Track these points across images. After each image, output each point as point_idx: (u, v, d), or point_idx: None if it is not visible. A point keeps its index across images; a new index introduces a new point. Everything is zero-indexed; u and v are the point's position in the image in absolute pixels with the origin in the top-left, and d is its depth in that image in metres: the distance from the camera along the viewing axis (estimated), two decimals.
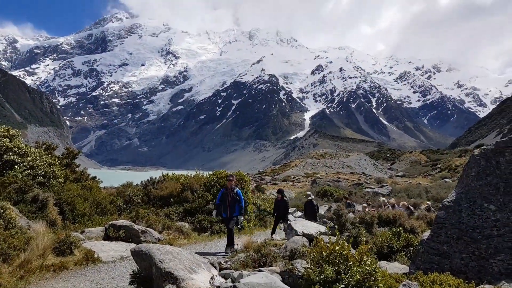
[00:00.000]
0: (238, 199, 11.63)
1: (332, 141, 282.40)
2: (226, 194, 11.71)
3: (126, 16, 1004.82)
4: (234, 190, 11.71)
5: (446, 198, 7.27)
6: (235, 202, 11.60)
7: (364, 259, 5.04)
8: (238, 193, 11.74)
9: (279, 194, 15.39)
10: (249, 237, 12.04)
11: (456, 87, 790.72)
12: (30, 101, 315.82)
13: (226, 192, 11.75)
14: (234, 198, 11.59)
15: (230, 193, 11.63)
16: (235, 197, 11.61)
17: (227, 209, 11.60)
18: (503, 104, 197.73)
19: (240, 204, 11.64)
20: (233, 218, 11.63)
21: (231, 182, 11.87)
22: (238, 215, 11.65)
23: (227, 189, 11.84)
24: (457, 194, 6.94)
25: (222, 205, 11.80)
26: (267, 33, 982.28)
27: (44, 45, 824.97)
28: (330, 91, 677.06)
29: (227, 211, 11.62)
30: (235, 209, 11.60)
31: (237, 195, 11.65)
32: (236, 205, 11.60)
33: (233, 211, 11.58)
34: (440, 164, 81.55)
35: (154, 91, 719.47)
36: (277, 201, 15.38)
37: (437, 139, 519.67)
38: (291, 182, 61.20)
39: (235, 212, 11.62)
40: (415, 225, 11.32)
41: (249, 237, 12.58)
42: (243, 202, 11.75)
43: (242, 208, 11.70)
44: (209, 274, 6.59)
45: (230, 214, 11.59)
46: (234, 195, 11.61)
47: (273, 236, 14.60)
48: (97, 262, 9.26)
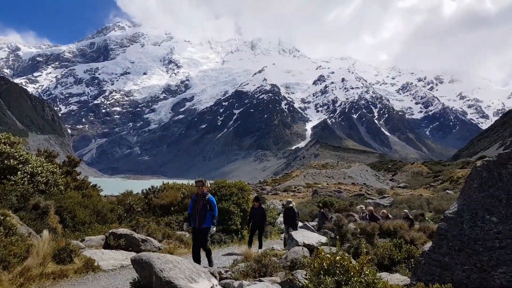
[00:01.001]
0: (210, 207, 10.10)
1: (334, 152, 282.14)
2: (196, 202, 10.20)
3: (128, 25, 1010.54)
4: (205, 196, 10.16)
5: (447, 209, 7.26)
6: (206, 211, 10.03)
7: (365, 270, 5.02)
8: (210, 200, 10.18)
9: (256, 201, 14.38)
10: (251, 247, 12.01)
11: (458, 99, 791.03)
12: (31, 109, 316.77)
13: (196, 199, 10.24)
14: (204, 206, 10.03)
15: (201, 201, 10.09)
16: (206, 204, 10.06)
17: (196, 218, 10.01)
18: (505, 116, 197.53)
19: (212, 213, 10.09)
20: (203, 230, 10.06)
21: (201, 187, 10.32)
22: (209, 226, 10.11)
23: (197, 195, 10.34)
24: (459, 206, 6.93)
25: (192, 214, 10.31)
26: (269, 43, 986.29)
27: (47, 53, 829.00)
28: (332, 101, 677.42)
29: (196, 220, 10.02)
30: (205, 218, 10.03)
31: (208, 203, 10.09)
32: (207, 214, 10.04)
33: (203, 221, 10.00)
34: (442, 176, 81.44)
35: (156, 100, 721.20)
36: (254, 209, 14.36)
37: (439, 151, 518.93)
38: (292, 192, 61.12)
39: (206, 223, 10.04)
40: (416, 236, 11.29)
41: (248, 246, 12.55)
42: (216, 211, 10.21)
43: (214, 217, 10.12)
44: (209, 284, 6.57)
45: (199, 224, 10.00)
46: (205, 202, 10.04)
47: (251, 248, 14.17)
48: (97, 270, 9.25)
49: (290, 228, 15.11)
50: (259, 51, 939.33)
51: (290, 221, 15.53)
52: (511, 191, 6.44)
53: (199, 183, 10.38)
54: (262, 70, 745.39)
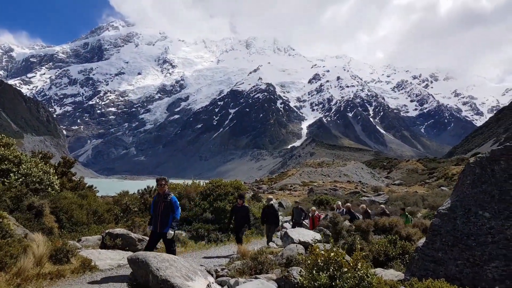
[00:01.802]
0: (172, 209, 9.14)
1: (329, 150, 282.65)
2: (157, 203, 9.25)
3: (122, 24, 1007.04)
4: (167, 197, 9.19)
5: (441, 205, 7.33)
6: (169, 213, 9.09)
7: (358, 265, 5.08)
8: (173, 201, 9.20)
9: (239, 199, 13.51)
10: (246, 245, 12.07)
11: (453, 96, 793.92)
12: (26, 110, 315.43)
13: (158, 200, 9.28)
14: (166, 208, 9.09)
15: (162, 202, 9.13)
16: (168, 206, 9.12)
17: (158, 221, 9.08)
18: (500, 113, 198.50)
19: (173, 215, 9.13)
20: (163, 234, 9.14)
21: (163, 187, 9.30)
22: (168, 230, 9.09)
23: (159, 196, 9.36)
24: (452, 202, 7.00)
25: (153, 216, 9.40)
26: (264, 42, 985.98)
27: (40, 53, 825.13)
28: (327, 100, 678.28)
29: (157, 224, 9.09)
30: (168, 222, 9.09)
31: (171, 204, 9.14)
32: (169, 216, 9.10)
33: (165, 224, 9.07)
34: (436, 173, 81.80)
35: (151, 100, 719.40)
36: (236, 207, 13.40)
37: (434, 148, 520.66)
38: (288, 191, 61.18)
39: (168, 227, 9.09)
40: (411, 232, 11.36)
41: (245, 245, 12.62)
42: (178, 213, 9.26)
43: (175, 220, 9.19)
44: (205, 282, 6.61)
45: (161, 227, 9.07)
46: (167, 204, 9.11)
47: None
48: (94, 270, 9.27)
49: (271, 227, 14.81)
50: (254, 50, 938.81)
51: (271, 220, 14.81)
52: (503, 187, 6.51)
53: (161, 181, 9.35)
54: (257, 69, 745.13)
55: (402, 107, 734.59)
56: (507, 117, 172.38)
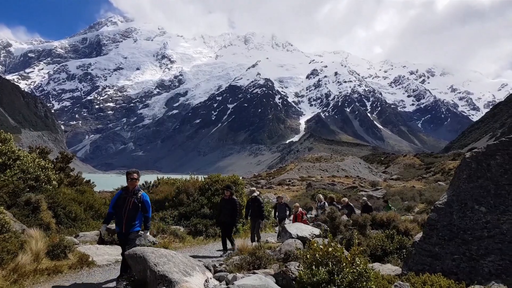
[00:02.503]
0: (142, 207, 7.94)
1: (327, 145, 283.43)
2: (123, 199, 7.87)
3: (121, 20, 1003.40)
4: (137, 193, 7.94)
5: (438, 200, 7.36)
6: (137, 212, 7.88)
7: (356, 260, 5.10)
8: (144, 198, 7.98)
9: (226, 190, 12.16)
10: (244, 240, 12.08)
11: (450, 91, 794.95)
12: (24, 105, 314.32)
13: (125, 196, 7.91)
14: (135, 206, 7.84)
15: (131, 199, 7.85)
16: (138, 204, 7.86)
17: (123, 221, 7.75)
18: (496, 108, 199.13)
19: (146, 214, 8.02)
20: (131, 234, 7.85)
21: (135, 182, 8.04)
22: (139, 230, 8.03)
23: (126, 191, 8.00)
24: (449, 197, 7.02)
25: (116, 215, 7.97)
26: (263, 37, 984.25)
27: (38, 49, 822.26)
28: (325, 95, 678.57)
29: (122, 223, 7.77)
30: (135, 221, 7.87)
31: (141, 201, 7.90)
32: (138, 216, 7.91)
33: (132, 224, 7.83)
34: (433, 168, 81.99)
35: (149, 95, 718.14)
36: (223, 201, 12.16)
37: (431, 143, 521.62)
38: (286, 186, 61.19)
39: (135, 227, 7.90)
40: (409, 227, 11.40)
41: (244, 240, 12.62)
42: (150, 212, 8.14)
43: (148, 220, 8.09)
44: (203, 277, 6.62)
45: (127, 228, 7.79)
46: (136, 202, 7.84)
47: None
48: (91, 265, 9.27)
49: (258, 222, 13.69)
50: (253, 46, 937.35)
51: (256, 213, 13.61)
52: (499, 182, 6.54)
53: (133, 175, 8.03)
54: (256, 65, 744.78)
55: (399, 102, 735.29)
56: (503, 112, 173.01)
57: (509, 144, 6.71)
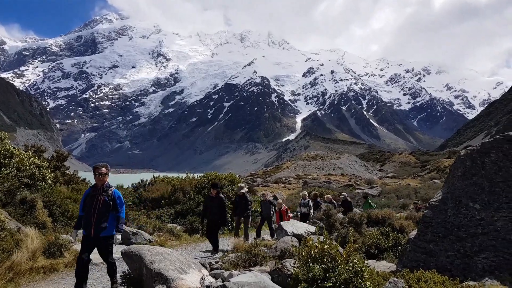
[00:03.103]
0: (114, 205, 6.97)
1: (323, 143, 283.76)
2: (92, 198, 6.89)
3: (116, 17, 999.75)
4: (108, 190, 6.96)
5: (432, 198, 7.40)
6: (108, 211, 6.89)
7: (352, 258, 5.12)
8: (116, 196, 7.01)
9: (212, 189, 11.55)
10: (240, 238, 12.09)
11: (445, 89, 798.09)
12: (19, 103, 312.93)
13: (93, 194, 6.93)
14: (106, 205, 6.84)
15: (100, 197, 6.88)
16: (109, 202, 6.89)
17: (92, 222, 6.75)
18: (491, 106, 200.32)
19: (119, 214, 7.00)
20: (103, 240, 6.87)
21: (104, 177, 6.98)
22: (113, 233, 6.98)
23: (95, 189, 7.00)
24: (444, 194, 7.06)
25: (84, 216, 6.97)
26: (259, 35, 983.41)
27: (33, 46, 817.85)
28: (321, 93, 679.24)
29: (90, 226, 6.76)
30: (106, 223, 6.86)
31: (113, 200, 6.93)
32: (109, 216, 6.90)
33: (102, 227, 6.81)
34: (429, 165, 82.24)
35: (145, 93, 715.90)
36: (210, 198, 11.54)
37: (426, 141, 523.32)
38: (282, 184, 61.24)
39: (107, 229, 6.87)
40: (404, 224, 11.44)
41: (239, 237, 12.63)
42: (123, 211, 7.15)
43: (121, 220, 7.04)
44: (199, 274, 6.64)
45: (96, 230, 6.78)
46: (107, 200, 6.87)
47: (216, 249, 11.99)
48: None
49: (246, 220, 13.17)
50: (249, 44, 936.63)
51: (242, 211, 13.03)
52: (493, 179, 6.58)
53: (101, 169, 6.99)
54: (252, 63, 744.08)
55: (395, 100, 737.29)
56: (498, 110, 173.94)
57: (503, 142, 6.75)
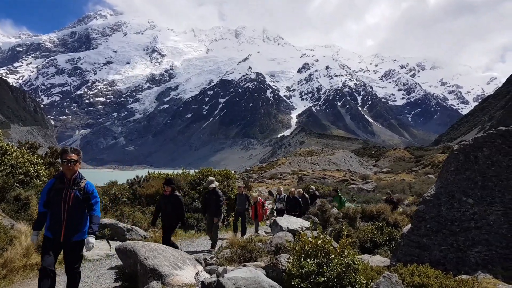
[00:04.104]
0: (88, 202, 5.42)
1: (319, 139, 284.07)
2: (59, 193, 5.29)
3: (110, 13, 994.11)
4: (79, 183, 5.41)
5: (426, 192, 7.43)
6: (82, 209, 5.40)
7: (345, 252, 5.14)
8: (89, 189, 5.45)
9: (166, 185, 9.79)
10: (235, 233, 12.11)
11: (439, 85, 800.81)
12: (13, 100, 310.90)
13: (61, 187, 5.32)
14: (77, 201, 5.32)
15: (70, 191, 5.31)
16: (82, 198, 5.36)
17: (62, 222, 5.24)
18: (485, 102, 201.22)
19: (92, 213, 5.40)
20: (74, 245, 5.38)
21: (73, 166, 5.35)
22: (85, 237, 5.35)
23: (61, 180, 5.37)
24: (437, 189, 7.09)
25: (50, 216, 5.34)
26: (254, 31, 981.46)
27: (26, 43, 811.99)
28: (316, 89, 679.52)
29: (60, 229, 5.24)
30: (81, 225, 5.40)
31: (85, 194, 5.39)
32: (83, 215, 5.42)
33: (76, 228, 5.34)
34: (423, 161, 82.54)
35: (140, 89, 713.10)
36: (164, 197, 9.77)
37: (420, 136, 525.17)
38: (278, 180, 61.34)
39: (80, 232, 5.39)
40: (399, 219, 11.50)
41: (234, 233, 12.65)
42: (99, 209, 5.50)
43: (94, 221, 5.39)
44: (194, 270, 6.65)
45: (68, 233, 5.29)
46: (79, 195, 5.34)
47: None
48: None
49: (216, 220, 11.55)
50: (244, 39, 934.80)
51: (213, 209, 11.53)
52: (486, 174, 6.62)
53: (70, 155, 5.32)
54: (247, 59, 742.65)
55: (390, 96, 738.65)
56: (492, 106, 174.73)
57: (496, 137, 6.79)
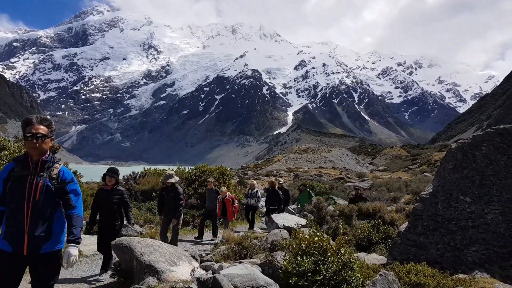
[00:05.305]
0: (63, 195, 3.77)
1: (315, 136, 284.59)
2: (21, 181, 3.59)
3: (107, 9, 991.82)
4: (51, 168, 3.72)
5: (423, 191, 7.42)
6: (54, 205, 3.73)
7: (341, 250, 5.12)
8: (65, 178, 3.77)
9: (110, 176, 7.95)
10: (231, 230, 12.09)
11: (437, 83, 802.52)
12: (9, 95, 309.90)
13: (24, 174, 3.63)
14: (48, 193, 3.66)
15: (38, 179, 3.62)
16: (55, 188, 3.70)
17: (24, 227, 3.55)
18: (482, 100, 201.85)
19: (70, 212, 3.75)
20: (45, 259, 3.66)
21: (40, 143, 3.62)
22: (64, 248, 3.81)
23: (24, 164, 3.68)
24: (434, 187, 7.08)
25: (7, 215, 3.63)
26: (250, 28, 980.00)
27: (23, 38, 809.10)
28: (313, 86, 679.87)
29: (21, 233, 3.55)
30: (50, 226, 3.69)
31: (62, 182, 3.75)
32: (55, 216, 3.74)
33: (41, 234, 3.60)
34: (420, 159, 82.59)
35: (136, 85, 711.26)
36: (104, 192, 7.94)
37: (417, 134, 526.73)
38: (274, 177, 61.35)
39: (51, 240, 3.69)
40: (395, 217, 11.50)
41: (230, 230, 12.64)
42: (80, 207, 3.85)
43: (74, 221, 3.73)
44: (190, 266, 6.63)
45: (33, 245, 3.56)
46: (50, 184, 3.67)
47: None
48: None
49: (174, 221, 9.95)
50: (240, 36, 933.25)
51: (172, 208, 9.93)
52: (484, 172, 6.61)
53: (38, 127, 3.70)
54: (243, 55, 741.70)
55: (387, 94, 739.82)
56: (489, 104, 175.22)
57: (494, 135, 6.78)
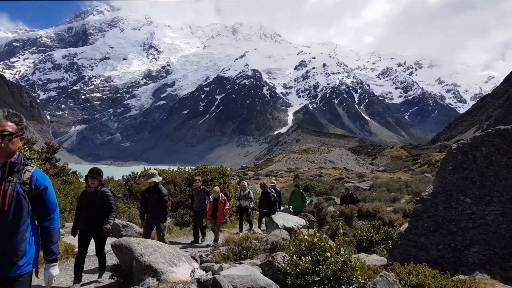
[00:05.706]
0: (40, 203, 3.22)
1: (315, 137, 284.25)
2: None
3: (107, 9, 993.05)
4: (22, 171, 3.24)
5: (423, 191, 7.40)
6: (25, 217, 3.08)
7: (341, 250, 5.11)
8: (38, 183, 3.23)
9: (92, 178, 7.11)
10: (231, 231, 12.08)
11: (437, 83, 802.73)
12: (9, 95, 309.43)
13: None
14: (18, 203, 3.02)
15: (7, 184, 3.04)
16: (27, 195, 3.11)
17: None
18: (482, 101, 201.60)
19: (50, 225, 3.33)
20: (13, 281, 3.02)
21: (7, 142, 3.16)
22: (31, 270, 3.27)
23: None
24: (435, 188, 7.06)
25: None
26: (251, 28, 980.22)
27: (23, 38, 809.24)
28: (313, 86, 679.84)
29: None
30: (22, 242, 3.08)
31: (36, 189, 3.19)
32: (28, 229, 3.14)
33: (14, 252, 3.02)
34: (420, 159, 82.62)
35: (136, 85, 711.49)
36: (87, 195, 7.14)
37: (418, 135, 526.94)
38: (274, 177, 61.32)
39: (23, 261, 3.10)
40: (394, 218, 11.49)
41: (230, 231, 12.62)
42: (57, 219, 3.39)
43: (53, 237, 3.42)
44: (190, 267, 6.61)
45: (1, 265, 2.95)
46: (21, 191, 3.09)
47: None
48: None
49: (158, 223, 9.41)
50: (241, 36, 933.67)
51: (156, 209, 9.25)
52: (484, 173, 6.59)
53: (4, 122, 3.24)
54: (244, 55, 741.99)
55: (387, 94, 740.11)
56: (490, 105, 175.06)
57: (494, 136, 6.76)
